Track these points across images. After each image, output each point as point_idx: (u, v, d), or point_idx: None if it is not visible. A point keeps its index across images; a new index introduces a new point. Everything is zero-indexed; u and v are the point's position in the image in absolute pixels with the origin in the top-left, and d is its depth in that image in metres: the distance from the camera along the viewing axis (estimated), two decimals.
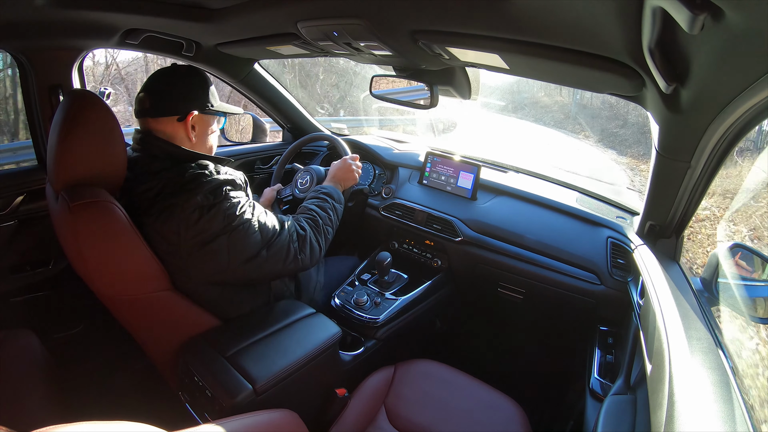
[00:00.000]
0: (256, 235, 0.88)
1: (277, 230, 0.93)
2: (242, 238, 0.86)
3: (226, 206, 0.84)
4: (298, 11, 0.88)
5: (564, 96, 9.46)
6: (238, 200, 0.87)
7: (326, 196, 1.12)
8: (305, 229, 1.00)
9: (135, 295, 0.83)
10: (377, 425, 0.96)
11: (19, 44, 1.10)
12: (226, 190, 0.85)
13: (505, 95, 9.61)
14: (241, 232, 0.86)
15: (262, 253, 0.89)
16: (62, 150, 0.76)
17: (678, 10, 0.38)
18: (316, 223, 1.04)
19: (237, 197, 0.87)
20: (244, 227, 0.86)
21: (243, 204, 0.87)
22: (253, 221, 0.88)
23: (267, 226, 0.91)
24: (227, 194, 0.85)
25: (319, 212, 1.06)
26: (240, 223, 0.85)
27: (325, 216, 1.07)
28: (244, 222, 0.86)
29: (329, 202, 1.11)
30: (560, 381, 1.46)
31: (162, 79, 0.90)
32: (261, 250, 0.89)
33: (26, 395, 0.87)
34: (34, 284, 1.27)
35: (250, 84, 1.61)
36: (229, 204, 0.84)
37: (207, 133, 0.95)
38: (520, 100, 9.89)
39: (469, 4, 0.64)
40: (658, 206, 0.95)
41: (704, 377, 0.58)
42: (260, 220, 0.90)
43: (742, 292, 0.79)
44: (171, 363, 0.92)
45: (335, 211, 1.11)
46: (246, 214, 0.87)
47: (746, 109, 0.57)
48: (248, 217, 0.87)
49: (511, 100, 9.70)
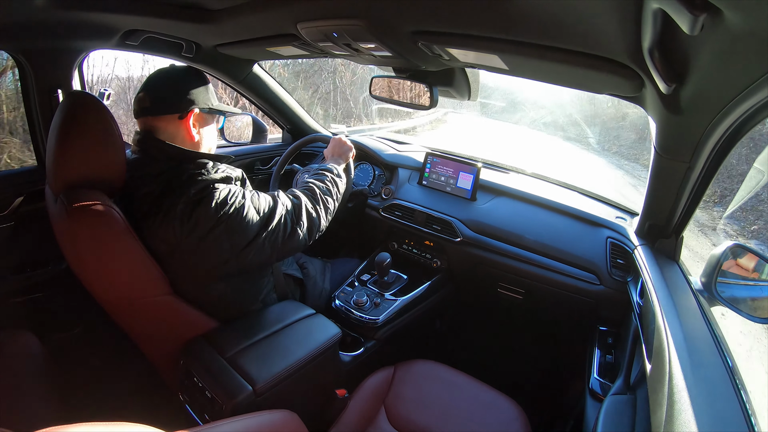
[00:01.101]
0: (252, 216, 0.87)
1: (271, 205, 0.91)
2: (239, 223, 0.84)
3: (216, 196, 0.82)
4: (298, 12, 0.88)
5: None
6: (228, 189, 0.85)
7: (324, 171, 1.10)
8: (299, 198, 0.98)
9: (133, 300, 0.83)
10: (377, 425, 0.96)
11: (19, 44, 1.10)
12: (216, 185, 0.84)
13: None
14: (237, 218, 0.84)
15: (261, 233, 0.88)
16: (61, 152, 0.76)
17: (677, 11, 0.39)
18: (312, 192, 1.01)
19: (226, 187, 0.85)
20: (239, 213, 0.85)
21: (234, 192, 0.86)
22: (246, 204, 0.86)
23: (261, 205, 0.89)
24: (216, 187, 0.84)
25: (316, 183, 1.04)
26: (234, 210, 0.84)
27: (323, 186, 1.05)
28: (237, 208, 0.85)
29: (328, 175, 1.09)
30: (560, 381, 1.46)
31: (162, 78, 0.89)
32: (260, 231, 0.88)
33: (26, 395, 0.86)
34: (34, 284, 1.27)
35: (250, 85, 1.61)
36: (219, 194, 0.83)
37: (207, 131, 0.95)
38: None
39: (469, 5, 0.64)
40: (658, 206, 0.95)
41: (704, 377, 0.58)
42: (253, 201, 0.88)
43: (742, 292, 0.79)
44: (170, 364, 0.92)
45: (335, 184, 1.09)
46: (238, 200, 0.85)
47: (746, 109, 0.57)
48: (241, 201, 0.86)
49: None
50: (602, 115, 7.94)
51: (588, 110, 7.96)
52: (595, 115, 8.01)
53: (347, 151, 1.23)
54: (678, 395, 0.55)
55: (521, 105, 8.09)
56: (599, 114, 7.96)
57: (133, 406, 1.13)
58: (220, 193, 0.83)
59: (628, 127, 7.34)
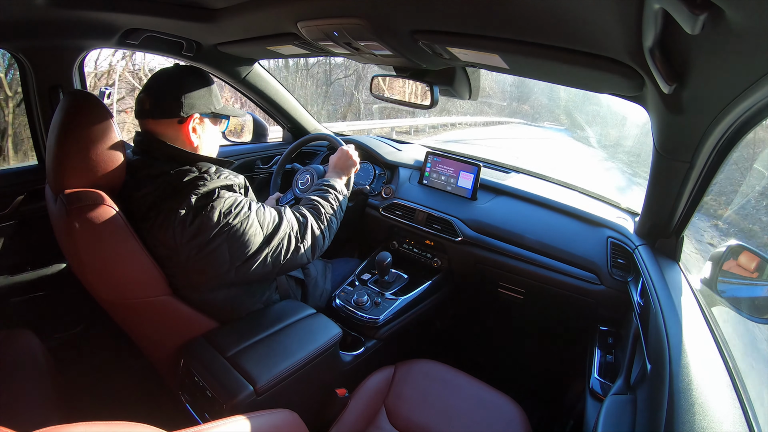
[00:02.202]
0: (255, 231, 0.86)
1: (276, 221, 0.90)
2: (241, 236, 0.83)
3: (221, 205, 0.81)
4: (299, 11, 0.87)
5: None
6: (233, 198, 0.84)
7: (328, 187, 1.10)
8: (306, 216, 0.97)
9: (133, 300, 0.82)
10: (377, 425, 0.97)
11: (19, 44, 1.10)
12: (221, 192, 0.83)
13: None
14: (240, 231, 0.83)
15: (263, 249, 0.87)
16: (60, 151, 0.75)
17: (678, 10, 0.38)
18: (318, 211, 1.01)
19: (232, 196, 0.84)
20: (242, 225, 0.84)
21: (239, 202, 0.85)
22: (251, 217, 0.85)
23: (266, 220, 0.88)
24: (221, 194, 0.82)
25: (321, 201, 1.04)
26: (238, 221, 0.83)
27: (327, 205, 1.04)
28: (242, 220, 0.83)
29: (332, 192, 1.09)
30: (560, 381, 1.46)
31: (163, 80, 0.87)
32: (262, 245, 0.87)
33: (26, 395, 0.86)
34: (34, 284, 1.27)
35: (251, 84, 1.61)
36: (224, 203, 0.82)
37: (209, 136, 0.93)
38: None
39: (470, 5, 0.64)
40: (658, 206, 0.95)
41: (704, 377, 0.58)
42: (258, 215, 0.87)
43: (742, 292, 0.79)
44: (171, 363, 0.92)
45: (338, 201, 1.08)
46: (243, 212, 0.84)
47: (746, 108, 0.57)
48: (246, 213, 0.85)
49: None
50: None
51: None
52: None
53: (351, 166, 1.22)
54: (678, 395, 0.55)
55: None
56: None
57: (133, 405, 1.13)
58: (224, 201, 0.82)
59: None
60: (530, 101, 15.42)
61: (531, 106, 15.33)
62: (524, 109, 15.16)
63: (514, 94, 15.11)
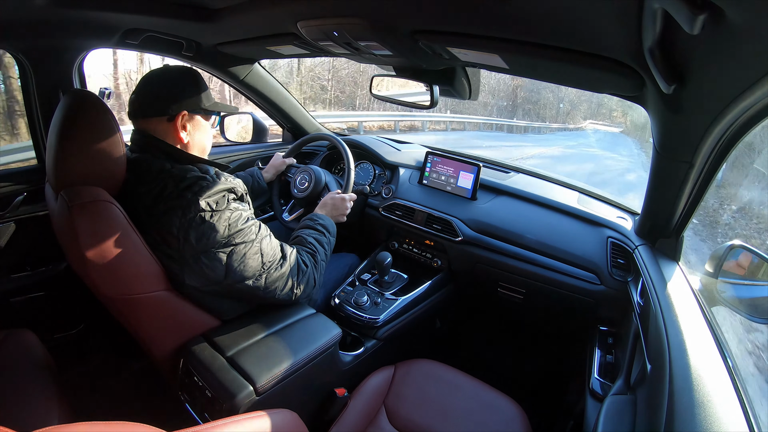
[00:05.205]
0: (256, 258, 0.87)
1: (278, 258, 0.92)
2: (242, 259, 0.85)
3: (229, 216, 0.83)
4: (298, 11, 0.87)
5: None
6: (241, 213, 0.85)
7: (324, 230, 1.13)
8: (307, 265, 1.00)
9: (134, 295, 0.83)
10: (377, 425, 0.97)
11: (19, 44, 1.10)
12: (230, 198, 0.84)
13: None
14: (242, 253, 0.84)
15: (258, 278, 0.88)
16: (61, 150, 0.76)
17: (678, 10, 0.38)
18: (315, 260, 1.04)
19: (240, 208, 0.86)
20: (246, 247, 0.85)
21: (247, 219, 0.86)
22: (256, 243, 0.87)
23: (269, 251, 0.90)
24: (230, 203, 0.84)
25: (318, 247, 1.07)
26: (242, 242, 0.84)
27: (322, 251, 1.08)
28: (246, 242, 0.85)
29: (326, 237, 1.12)
30: (560, 381, 1.46)
31: (152, 80, 0.89)
32: (259, 274, 0.88)
33: (26, 395, 0.86)
34: (34, 284, 1.27)
35: (251, 84, 1.61)
36: (233, 214, 0.83)
37: (200, 133, 0.93)
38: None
39: (469, 5, 0.64)
40: (658, 206, 0.95)
41: (704, 377, 0.58)
42: (263, 244, 0.89)
43: (742, 292, 0.79)
44: (171, 363, 0.92)
45: (330, 245, 1.13)
46: (249, 234, 0.86)
47: (746, 108, 0.57)
48: (251, 238, 0.86)
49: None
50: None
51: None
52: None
53: (343, 214, 1.25)
54: (678, 395, 0.55)
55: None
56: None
57: (133, 405, 1.13)
58: (234, 212, 0.84)
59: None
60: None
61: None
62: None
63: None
